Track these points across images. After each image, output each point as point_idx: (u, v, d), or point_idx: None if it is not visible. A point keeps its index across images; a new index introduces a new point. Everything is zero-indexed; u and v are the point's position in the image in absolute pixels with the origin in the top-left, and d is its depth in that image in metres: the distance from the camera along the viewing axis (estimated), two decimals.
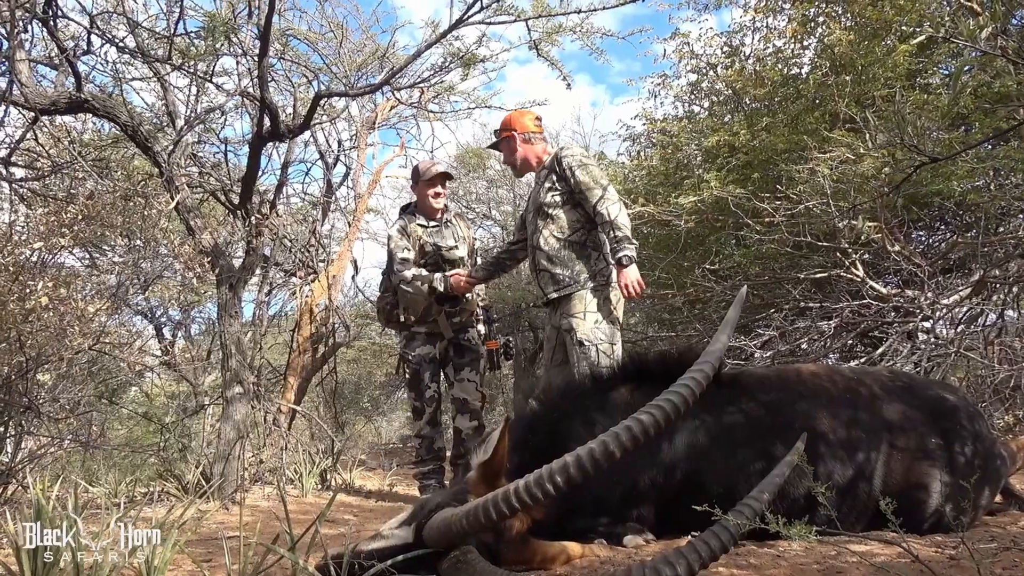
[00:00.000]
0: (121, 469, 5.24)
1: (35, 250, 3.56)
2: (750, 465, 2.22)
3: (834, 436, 2.29)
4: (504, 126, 3.77)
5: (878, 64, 4.51)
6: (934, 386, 2.62)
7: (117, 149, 5.13)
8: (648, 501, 2.29)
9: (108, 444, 5.43)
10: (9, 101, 3.47)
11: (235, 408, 4.01)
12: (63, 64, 3.87)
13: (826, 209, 4.09)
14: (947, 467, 2.29)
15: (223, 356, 4.15)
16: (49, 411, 4.37)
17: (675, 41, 6.06)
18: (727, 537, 1.45)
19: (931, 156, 2.68)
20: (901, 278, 4.91)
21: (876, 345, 4.72)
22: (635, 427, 1.56)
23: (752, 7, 5.84)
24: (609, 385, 2.44)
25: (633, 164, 6.82)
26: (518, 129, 3.70)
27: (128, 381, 7.03)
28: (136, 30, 3.71)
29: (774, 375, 2.57)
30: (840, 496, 2.18)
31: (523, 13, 3.67)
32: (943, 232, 5.71)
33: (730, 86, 5.73)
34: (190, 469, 4.30)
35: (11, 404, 3.66)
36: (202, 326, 9.46)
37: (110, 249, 5.87)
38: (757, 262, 5.23)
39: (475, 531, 1.65)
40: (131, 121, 3.85)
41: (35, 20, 3.51)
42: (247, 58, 4.26)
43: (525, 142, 3.69)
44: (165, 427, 5.25)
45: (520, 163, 3.74)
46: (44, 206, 4.07)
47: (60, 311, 3.55)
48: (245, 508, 3.62)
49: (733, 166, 5.11)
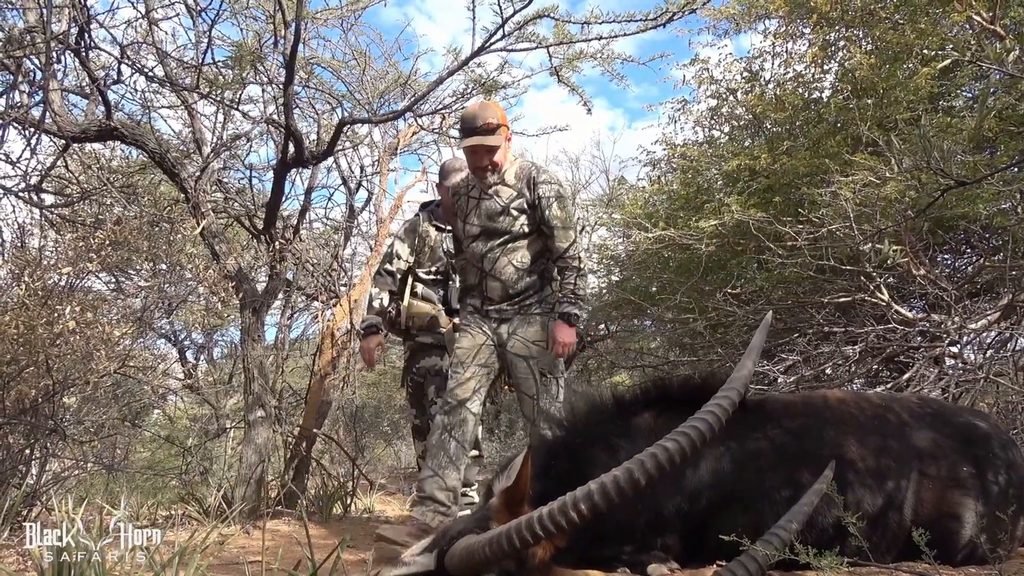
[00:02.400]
0: (143, 492, 5.27)
1: (63, 275, 3.62)
2: (777, 493, 2.19)
3: (863, 464, 2.25)
4: (497, 118, 3.05)
5: (900, 87, 4.49)
6: (965, 413, 2.58)
7: (145, 175, 5.22)
8: (673, 529, 2.25)
9: (131, 467, 5.47)
10: (42, 129, 3.55)
11: (257, 432, 4.02)
12: (94, 93, 3.97)
13: (849, 233, 4.06)
14: (980, 496, 2.24)
15: (245, 380, 4.17)
16: (74, 433, 4.42)
17: (694, 67, 6.09)
18: (755, 568, 1.42)
19: (958, 180, 2.65)
20: (927, 302, 4.84)
21: (902, 370, 4.64)
22: (660, 454, 1.54)
23: (772, 32, 5.85)
24: (632, 411, 2.42)
25: (653, 188, 6.82)
26: (506, 126, 3.13)
27: (151, 404, 7.10)
28: (165, 60, 3.80)
29: (800, 401, 2.54)
30: (870, 525, 2.14)
31: (544, 40, 3.71)
32: (970, 255, 5.62)
33: (750, 110, 5.73)
34: (211, 492, 4.31)
35: (37, 427, 3.70)
36: (224, 349, 9.55)
37: (136, 273, 5.96)
38: (780, 286, 5.18)
39: (498, 559, 1.64)
40: (159, 148, 3.93)
41: (68, 51, 3.60)
42: (273, 86, 4.33)
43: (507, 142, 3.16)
44: (187, 450, 5.28)
45: (501, 168, 3.15)
46: (73, 231, 4.15)
47: (87, 335, 3.60)
48: (266, 532, 3.62)
49: (754, 190, 5.08)
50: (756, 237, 4.61)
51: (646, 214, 6.02)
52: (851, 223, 3.93)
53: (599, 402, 2.50)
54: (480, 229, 3.20)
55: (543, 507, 1.58)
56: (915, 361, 4.38)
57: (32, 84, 3.54)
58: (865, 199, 3.95)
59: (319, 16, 4.57)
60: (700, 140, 6.67)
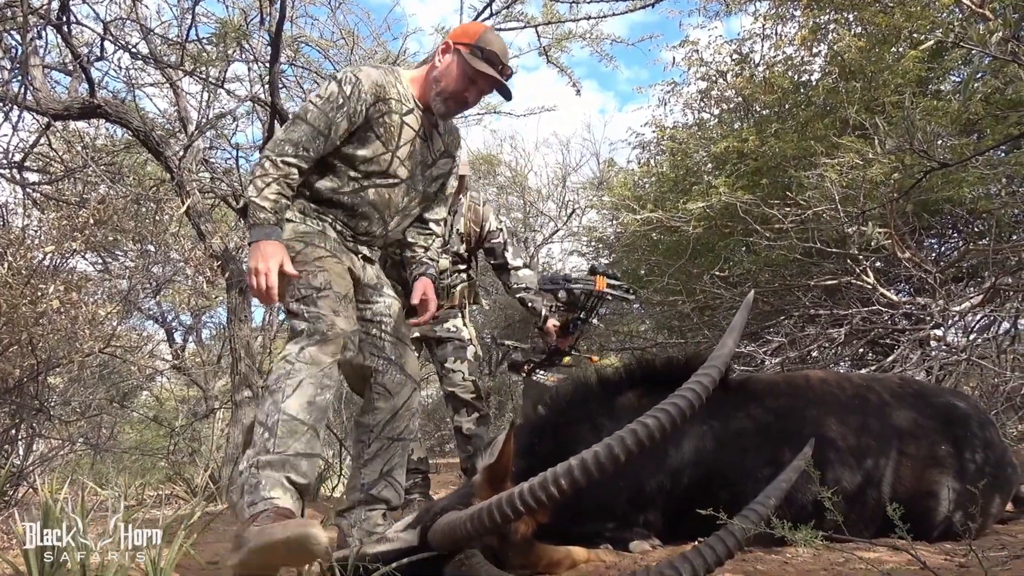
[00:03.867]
0: (131, 472, 5.27)
1: (47, 254, 3.59)
2: (758, 471, 2.21)
3: (843, 442, 2.27)
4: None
5: (888, 70, 4.49)
6: (945, 393, 2.60)
7: (129, 154, 5.17)
8: (655, 507, 2.28)
9: (118, 447, 5.46)
10: (23, 106, 3.51)
11: (244, 412, 4.03)
12: (77, 70, 3.92)
13: (835, 215, 4.07)
14: (957, 474, 2.28)
15: (232, 360, 4.17)
16: (60, 414, 4.40)
17: (684, 49, 6.06)
18: (733, 542, 1.44)
19: (941, 162, 2.66)
20: (912, 285, 4.88)
21: (887, 353, 4.68)
22: (640, 431, 1.55)
23: (762, 15, 5.83)
24: (616, 390, 2.43)
25: (643, 171, 6.82)
26: None
27: (139, 385, 7.08)
28: (149, 36, 3.76)
29: (783, 381, 2.56)
30: (848, 503, 2.17)
31: (533, 20, 3.69)
32: (955, 239, 5.67)
33: (740, 93, 5.72)
34: (199, 473, 4.32)
35: (22, 406, 3.68)
36: (213, 330, 9.52)
37: (122, 254, 5.92)
38: (767, 269, 5.21)
39: (480, 535, 1.65)
40: (143, 126, 3.89)
41: (49, 26, 3.55)
42: (258, 64, 4.29)
43: None
44: (175, 431, 5.28)
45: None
46: (56, 210, 4.11)
47: (71, 314, 3.58)
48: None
49: (742, 172, 5.09)
50: (743, 219, 4.63)
51: (635, 196, 6.02)
52: (837, 205, 3.95)
53: (583, 382, 2.51)
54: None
55: (524, 483, 1.59)
56: (900, 344, 4.42)
57: (13, 60, 3.50)
58: (851, 181, 3.96)
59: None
60: (689, 123, 6.67)
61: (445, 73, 2.30)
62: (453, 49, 2.29)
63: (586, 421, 2.32)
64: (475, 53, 2.27)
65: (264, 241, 2.07)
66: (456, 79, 2.29)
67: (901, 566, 1.78)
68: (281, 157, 2.11)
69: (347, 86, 2.17)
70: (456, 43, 2.28)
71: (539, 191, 11.60)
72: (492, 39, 2.32)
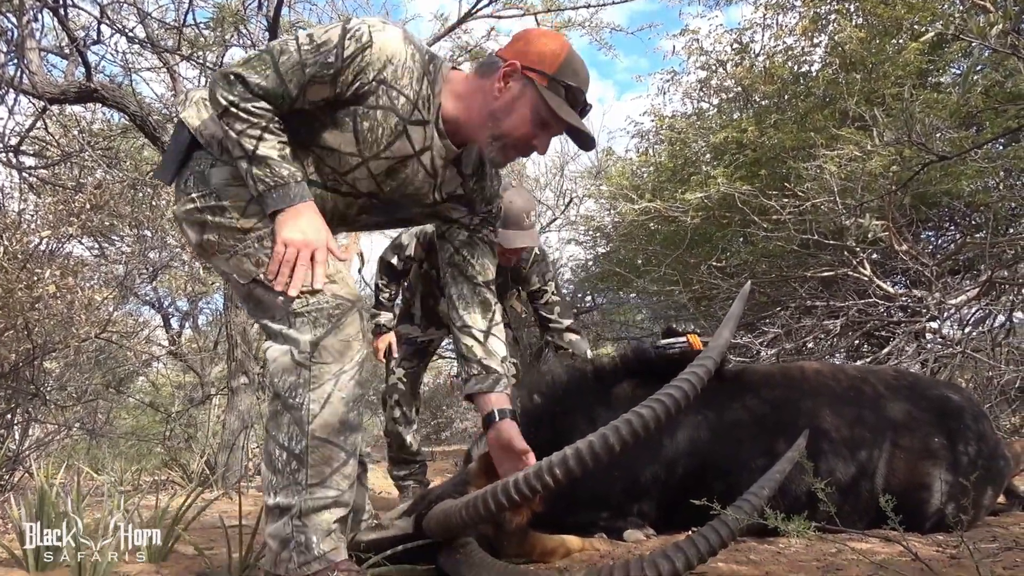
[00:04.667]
0: (127, 458, 5.28)
1: (43, 238, 3.59)
2: (753, 461, 2.22)
3: (837, 434, 2.28)
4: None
5: (889, 62, 4.48)
6: (939, 386, 2.61)
7: (126, 139, 5.15)
8: (650, 496, 2.29)
9: (114, 433, 5.47)
10: (19, 90, 3.49)
11: (240, 399, 4.03)
12: (73, 54, 3.89)
13: (833, 207, 4.07)
14: (950, 467, 2.29)
15: (229, 347, 4.17)
16: (56, 399, 4.41)
17: (684, 38, 6.04)
18: (726, 532, 1.44)
19: (939, 154, 2.66)
20: (909, 278, 4.88)
21: (883, 345, 4.69)
22: (635, 421, 1.56)
23: (763, 4, 5.81)
24: (612, 380, 2.44)
25: (641, 160, 6.81)
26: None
27: (135, 371, 7.08)
28: (146, 20, 3.73)
29: (778, 372, 2.56)
30: (842, 494, 2.18)
31: (532, 7, 3.67)
32: (952, 232, 5.67)
33: (739, 83, 5.70)
34: (195, 459, 4.33)
35: (18, 391, 3.69)
36: (209, 316, 9.51)
37: (119, 239, 5.91)
38: (764, 260, 5.21)
39: (474, 523, 1.65)
40: (140, 111, 3.87)
41: (46, 9, 3.52)
42: (256, 49, 4.26)
43: None
44: (171, 417, 5.28)
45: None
46: (53, 195, 4.10)
47: (68, 299, 3.58)
48: (248, 498, 3.64)
49: (741, 163, 5.09)
50: (741, 210, 4.63)
51: (633, 186, 6.01)
52: (835, 197, 3.94)
53: (579, 371, 2.51)
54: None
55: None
56: (895, 336, 4.43)
57: (9, 43, 3.47)
58: (850, 173, 3.96)
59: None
60: (688, 112, 6.65)
61: (510, 109, 1.67)
62: (522, 75, 1.66)
63: (581, 410, 2.33)
64: (555, 90, 1.65)
65: (300, 205, 1.58)
66: (527, 122, 1.67)
67: (893, 557, 1.79)
68: (253, 103, 1.56)
69: (350, 44, 1.56)
70: (527, 68, 1.65)
71: (537, 180, 11.58)
72: (578, 67, 1.69)
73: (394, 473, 3.55)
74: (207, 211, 1.64)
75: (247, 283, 1.64)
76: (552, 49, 1.66)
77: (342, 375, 1.57)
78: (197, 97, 1.77)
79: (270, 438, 1.60)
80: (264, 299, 1.63)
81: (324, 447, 1.56)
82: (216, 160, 1.67)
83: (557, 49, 1.67)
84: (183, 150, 1.70)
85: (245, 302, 1.72)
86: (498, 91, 1.67)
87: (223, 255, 1.65)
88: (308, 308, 1.58)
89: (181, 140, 1.71)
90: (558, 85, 1.65)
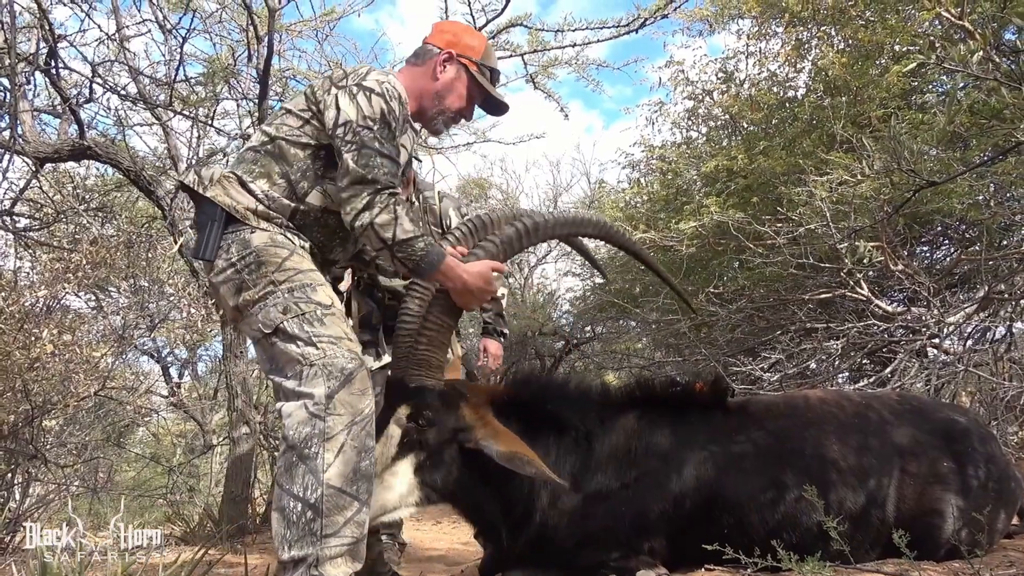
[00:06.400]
0: (130, 512, 5.21)
1: (40, 297, 3.59)
2: (761, 494, 2.20)
3: (844, 463, 2.26)
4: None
5: (872, 85, 4.54)
6: (944, 408, 2.60)
7: (121, 193, 5.17)
8: (659, 533, 2.26)
9: (115, 489, 5.41)
10: (13, 151, 3.52)
11: (241, 448, 4.00)
12: (66, 112, 3.93)
13: (827, 231, 4.09)
14: (961, 491, 2.26)
15: (229, 397, 4.15)
16: (56, 455, 4.37)
17: (670, 69, 6.12)
18: None
19: (929, 180, 2.68)
20: (907, 296, 4.89)
21: (885, 364, 4.68)
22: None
23: (745, 33, 5.90)
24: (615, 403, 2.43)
25: (633, 190, 6.85)
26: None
27: (135, 422, 7.03)
28: (138, 77, 3.77)
29: (782, 402, 2.55)
30: (852, 524, 2.15)
31: (518, 48, 3.72)
32: (947, 247, 5.69)
33: (726, 111, 5.77)
34: (198, 512, 4.28)
35: (18, 452, 3.65)
36: (208, 363, 9.47)
37: (116, 291, 5.90)
38: (761, 284, 5.22)
39: None
40: (134, 166, 3.90)
41: (37, 71, 3.57)
42: (247, 100, 4.31)
43: None
44: (172, 469, 5.23)
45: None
46: (49, 252, 4.11)
47: (65, 357, 3.56)
48: (253, 549, 3.59)
49: (732, 190, 5.12)
50: (736, 237, 4.64)
51: (627, 216, 6.05)
52: (828, 222, 3.96)
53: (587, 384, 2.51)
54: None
55: None
56: (897, 355, 4.42)
57: (1, 106, 3.51)
58: (841, 197, 3.98)
59: (293, 28, 4.55)
60: (678, 141, 6.71)
61: (450, 89, 2.10)
62: (457, 62, 2.10)
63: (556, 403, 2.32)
64: (483, 73, 2.12)
65: (448, 259, 1.85)
66: (463, 97, 2.11)
67: None
68: (389, 189, 1.81)
69: (394, 103, 1.87)
70: (460, 56, 2.09)
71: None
72: (492, 55, 2.21)
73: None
74: (245, 270, 1.81)
75: (270, 333, 1.76)
76: (476, 41, 2.15)
77: (353, 426, 1.67)
78: (218, 176, 1.93)
79: (283, 492, 1.65)
80: (284, 351, 1.74)
81: (339, 496, 1.63)
82: (255, 227, 1.85)
83: (479, 41, 2.16)
84: (221, 226, 1.86)
85: (263, 359, 1.85)
86: (438, 74, 2.08)
87: (255, 311, 1.79)
88: (324, 361, 1.69)
89: (215, 217, 1.87)
90: (484, 68, 2.12)
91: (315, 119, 1.91)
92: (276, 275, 1.78)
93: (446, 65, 2.09)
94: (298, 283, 1.79)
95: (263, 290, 1.78)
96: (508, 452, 1.92)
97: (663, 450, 2.26)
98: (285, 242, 1.86)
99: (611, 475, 2.22)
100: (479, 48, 2.13)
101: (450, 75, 2.09)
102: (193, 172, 1.98)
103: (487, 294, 1.92)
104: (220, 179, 1.91)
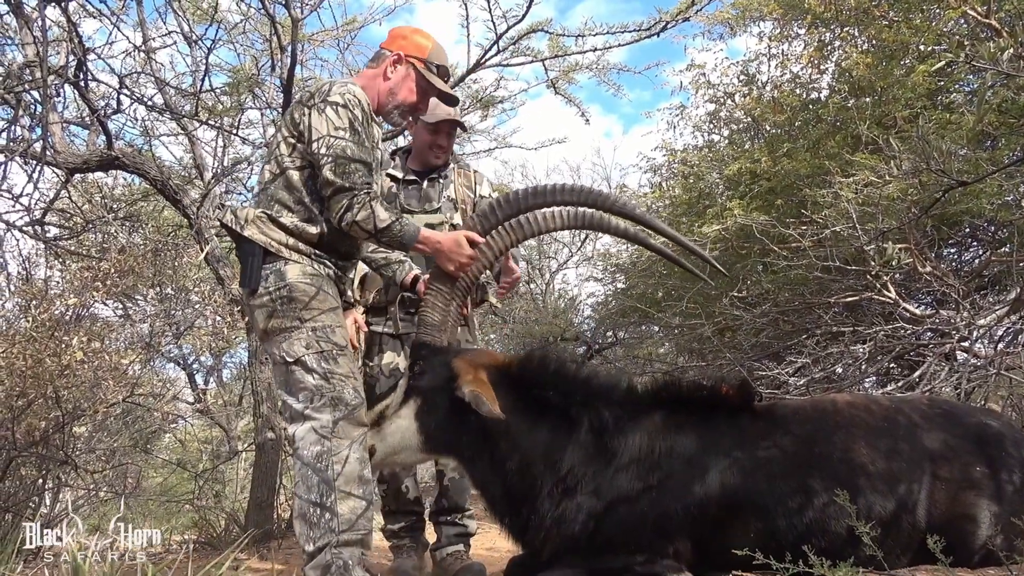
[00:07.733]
0: (157, 517, 5.28)
1: (70, 306, 3.65)
2: (789, 499, 2.17)
3: (873, 467, 2.22)
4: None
5: (898, 85, 4.48)
6: (976, 413, 2.55)
7: (148, 202, 5.25)
8: (684, 536, 2.24)
9: (143, 494, 5.48)
10: (44, 162, 3.58)
11: (267, 455, 4.03)
12: (94, 123, 4.00)
13: (853, 233, 4.04)
14: (995, 496, 2.21)
15: (255, 403, 4.19)
16: (85, 462, 4.43)
17: (691, 72, 6.10)
18: None
19: (959, 180, 2.63)
20: (935, 298, 4.80)
21: (913, 368, 4.60)
22: None
23: (767, 35, 5.86)
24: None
25: (655, 195, 6.82)
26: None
27: (162, 428, 7.12)
28: (164, 89, 3.83)
29: (809, 406, 2.52)
30: (883, 529, 2.11)
31: (539, 54, 3.73)
32: (975, 248, 5.59)
33: (749, 114, 5.72)
34: (223, 517, 4.32)
35: (49, 458, 3.71)
36: (233, 370, 9.57)
37: (143, 299, 5.99)
38: (786, 288, 5.16)
39: None
40: (160, 175, 3.96)
41: (67, 83, 3.63)
42: (271, 110, 4.36)
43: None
44: (198, 475, 5.28)
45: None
46: (78, 261, 4.17)
47: (94, 364, 3.62)
48: (280, 555, 3.61)
49: (756, 193, 5.07)
50: (760, 240, 4.60)
51: None
52: (854, 224, 3.91)
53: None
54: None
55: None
56: (926, 358, 4.35)
57: (33, 117, 3.58)
58: (867, 199, 3.93)
59: (316, 38, 4.60)
60: (700, 144, 6.68)
61: (401, 86, 2.39)
62: (406, 62, 2.38)
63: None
64: (430, 69, 2.40)
65: (423, 231, 2.17)
66: (414, 93, 2.40)
67: None
68: (365, 189, 2.14)
69: (357, 110, 2.20)
70: (408, 56, 2.37)
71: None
72: (440, 53, 2.47)
73: (388, 527, 3.14)
74: (279, 301, 2.14)
75: (292, 362, 2.12)
76: (421, 41, 2.41)
77: (353, 444, 2.11)
78: (252, 216, 2.21)
79: (302, 501, 2.07)
80: (300, 380, 2.12)
81: (349, 498, 2.06)
82: (288, 259, 2.17)
83: (424, 41, 2.42)
84: (260, 259, 2.18)
85: (278, 379, 2.23)
86: (389, 74, 2.36)
87: (280, 339, 2.14)
88: (334, 394, 2.10)
89: (254, 252, 2.18)
90: (433, 66, 2.39)
91: (299, 142, 2.20)
92: (303, 312, 2.12)
93: (396, 65, 2.38)
94: (320, 324, 2.14)
95: (291, 323, 2.13)
96: (473, 391, 2.12)
97: (689, 453, 2.24)
98: (315, 275, 2.19)
99: (634, 476, 2.21)
100: (427, 48, 2.41)
101: (400, 74, 2.37)
102: (229, 212, 2.28)
103: (460, 255, 2.20)
104: (255, 219, 2.20)
